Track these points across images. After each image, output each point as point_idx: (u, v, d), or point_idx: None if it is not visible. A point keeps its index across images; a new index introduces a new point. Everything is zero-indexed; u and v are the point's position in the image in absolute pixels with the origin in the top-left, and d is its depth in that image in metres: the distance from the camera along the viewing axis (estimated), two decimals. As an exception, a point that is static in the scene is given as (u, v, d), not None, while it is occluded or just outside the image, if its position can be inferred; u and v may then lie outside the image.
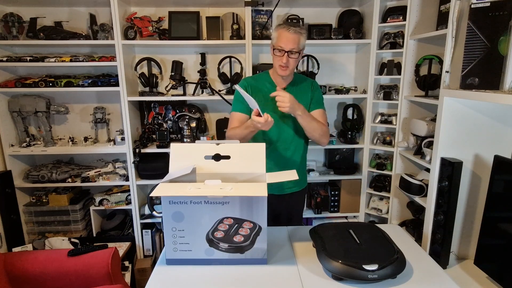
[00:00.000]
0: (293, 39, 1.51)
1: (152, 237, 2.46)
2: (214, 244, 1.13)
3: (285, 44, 1.51)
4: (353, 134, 2.46)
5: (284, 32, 1.52)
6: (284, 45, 1.51)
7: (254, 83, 1.67)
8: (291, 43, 1.51)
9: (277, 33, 1.55)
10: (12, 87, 2.20)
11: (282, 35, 1.52)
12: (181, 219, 1.12)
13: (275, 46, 1.55)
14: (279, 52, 1.53)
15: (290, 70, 1.57)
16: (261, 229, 1.11)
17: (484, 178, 1.59)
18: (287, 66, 1.55)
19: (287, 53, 1.52)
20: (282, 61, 1.53)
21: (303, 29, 1.55)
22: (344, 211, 2.53)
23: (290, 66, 1.56)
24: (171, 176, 1.18)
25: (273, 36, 1.58)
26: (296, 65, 1.60)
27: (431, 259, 1.20)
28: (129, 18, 2.24)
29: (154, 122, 2.50)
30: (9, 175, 2.23)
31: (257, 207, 1.09)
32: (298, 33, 1.52)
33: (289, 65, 1.55)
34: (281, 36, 1.52)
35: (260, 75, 1.75)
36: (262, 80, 1.68)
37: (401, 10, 2.17)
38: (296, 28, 1.52)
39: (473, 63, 1.35)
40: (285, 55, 1.52)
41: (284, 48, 1.51)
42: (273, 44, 1.57)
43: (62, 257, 1.68)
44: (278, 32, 1.54)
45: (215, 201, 1.10)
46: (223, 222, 1.12)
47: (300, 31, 1.53)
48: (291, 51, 1.52)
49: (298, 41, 1.52)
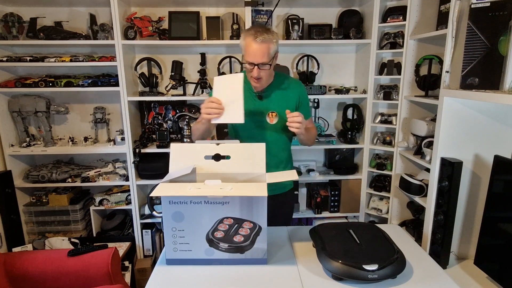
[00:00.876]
0: (261, 51, 1.36)
1: (152, 237, 2.46)
2: (214, 244, 1.13)
3: (253, 58, 1.38)
4: (353, 134, 2.46)
5: (251, 43, 1.37)
6: (252, 59, 1.38)
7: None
8: (260, 56, 1.37)
9: (245, 43, 1.40)
10: (12, 87, 2.20)
11: (249, 46, 1.38)
12: (181, 219, 1.12)
13: (244, 58, 1.42)
14: (249, 65, 1.40)
15: (264, 82, 1.46)
16: (261, 229, 1.11)
17: (484, 178, 1.59)
18: (260, 78, 1.42)
19: (257, 66, 1.39)
20: (253, 75, 1.41)
21: (273, 33, 1.41)
22: (344, 211, 2.53)
23: (264, 78, 1.44)
24: (171, 176, 1.18)
25: (241, 45, 1.43)
26: (271, 72, 1.48)
27: (431, 259, 1.20)
28: (129, 18, 2.24)
29: (154, 122, 2.50)
30: (9, 175, 2.23)
31: (257, 207, 1.09)
32: (267, 41, 1.36)
33: (262, 76, 1.42)
34: (249, 48, 1.38)
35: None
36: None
37: (401, 10, 2.17)
38: (264, 35, 1.36)
39: (473, 63, 1.35)
40: (256, 68, 1.39)
41: (253, 62, 1.38)
42: (242, 54, 1.45)
43: (62, 257, 1.68)
44: (246, 41, 1.39)
45: (215, 201, 1.10)
46: (223, 222, 1.12)
47: (269, 39, 1.37)
48: (262, 63, 1.39)
49: (267, 51, 1.37)
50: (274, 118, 1.53)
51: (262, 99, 1.52)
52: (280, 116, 1.52)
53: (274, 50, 1.42)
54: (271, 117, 1.52)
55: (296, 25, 2.30)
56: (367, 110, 2.38)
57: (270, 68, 1.43)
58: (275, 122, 1.53)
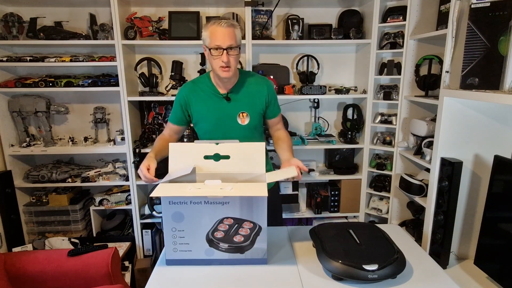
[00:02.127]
0: (229, 34, 1.33)
1: (152, 237, 2.46)
2: (214, 244, 1.13)
3: (221, 40, 1.33)
4: (353, 134, 2.46)
5: (217, 28, 1.33)
6: (220, 41, 1.33)
7: (193, 89, 1.50)
8: (228, 38, 1.33)
9: (210, 30, 1.35)
10: (12, 87, 2.20)
11: (215, 31, 1.33)
12: (181, 220, 1.12)
13: (210, 45, 1.35)
14: (216, 51, 1.34)
15: (233, 70, 1.39)
16: (261, 229, 1.11)
17: (484, 178, 1.59)
18: (229, 66, 1.36)
19: (225, 51, 1.34)
20: (223, 60, 1.34)
21: (235, 21, 1.40)
22: (344, 211, 2.53)
23: (232, 65, 1.37)
24: (171, 176, 1.18)
25: (205, 36, 1.38)
26: (237, 63, 1.42)
27: (431, 259, 1.20)
28: (129, 18, 2.24)
29: (154, 122, 2.50)
30: (9, 175, 2.23)
31: (257, 207, 1.09)
32: (233, 26, 1.35)
33: (231, 64, 1.36)
34: (215, 33, 1.33)
35: (201, 78, 1.56)
36: (202, 85, 1.50)
37: (401, 10, 2.17)
38: (228, 21, 1.35)
39: (473, 63, 1.35)
40: (224, 52, 1.33)
41: (221, 46, 1.33)
42: (207, 45, 1.38)
43: (62, 257, 1.68)
44: (210, 30, 1.35)
45: (215, 201, 1.10)
46: (223, 222, 1.12)
47: (233, 23, 1.36)
48: (230, 47, 1.34)
49: (234, 35, 1.35)
50: (245, 118, 1.49)
51: (229, 100, 1.48)
52: (250, 115, 1.49)
53: (239, 37, 1.39)
54: (242, 117, 1.49)
55: (296, 25, 2.30)
56: (367, 110, 2.38)
57: (238, 54, 1.38)
58: (247, 122, 1.49)
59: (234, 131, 1.49)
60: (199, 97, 1.49)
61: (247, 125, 1.50)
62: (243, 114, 1.49)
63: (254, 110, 1.50)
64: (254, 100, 1.50)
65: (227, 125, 1.49)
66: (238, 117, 1.49)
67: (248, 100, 1.49)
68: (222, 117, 1.48)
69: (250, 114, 1.49)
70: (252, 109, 1.49)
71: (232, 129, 1.49)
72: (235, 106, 1.48)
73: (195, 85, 1.52)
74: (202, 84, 1.50)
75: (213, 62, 1.39)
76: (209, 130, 1.52)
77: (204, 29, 1.38)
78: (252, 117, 1.50)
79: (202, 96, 1.49)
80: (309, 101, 2.58)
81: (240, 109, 1.48)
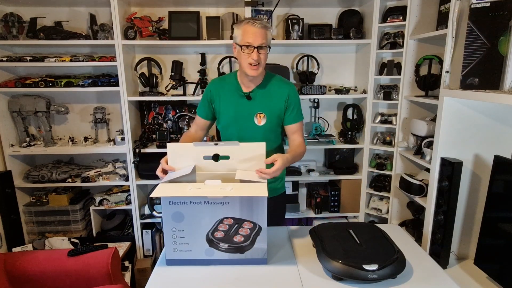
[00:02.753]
0: (261, 34, 1.36)
1: (152, 237, 2.46)
2: (214, 244, 1.13)
3: (253, 39, 1.36)
4: (353, 134, 2.46)
5: (249, 27, 1.36)
6: (252, 40, 1.36)
7: (220, 85, 1.54)
8: (260, 37, 1.36)
9: (242, 30, 1.39)
10: (12, 87, 2.20)
11: (248, 30, 1.37)
12: (181, 220, 1.12)
13: (241, 43, 1.38)
14: (247, 48, 1.37)
15: (261, 69, 1.43)
16: (261, 229, 1.11)
17: (484, 178, 1.59)
18: (258, 63, 1.39)
19: (256, 49, 1.37)
20: (253, 57, 1.37)
21: (268, 23, 1.44)
22: (344, 211, 2.53)
23: (262, 64, 1.41)
24: (170, 176, 1.18)
25: (236, 34, 1.41)
26: (265, 63, 1.45)
27: (431, 259, 1.20)
28: (129, 18, 2.24)
29: (154, 122, 2.50)
30: (9, 175, 2.23)
31: (257, 207, 1.09)
32: (265, 27, 1.38)
33: (261, 61, 1.40)
34: (247, 31, 1.37)
35: (228, 75, 1.60)
36: (229, 81, 1.54)
37: (401, 10, 2.17)
38: (262, 22, 1.38)
39: (473, 63, 1.35)
40: (255, 51, 1.37)
41: (252, 44, 1.36)
42: (238, 42, 1.40)
43: (62, 257, 1.68)
44: (243, 28, 1.38)
45: (215, 202, 1.10)
46: (223, 222, 1.12)
47: (266, 25, 1.39)
48: (260, 46, 1.37)
49: (265, 35, 1.38)
50: (262, 119, 1.50)
51: (250, 99, 1.50)
52: (267, 117, 1.50)
53: (270, 39, 1.42)
54: (259, 118, 1.50)
55: (296, 25, 2.30)
56: (367, 110, 2.38)
57: (267, 53, 1.41)
58: (263, 123, 1.50)
59: (250, 130, 1.51)
60: (223, 93, 1.53)
61: (262, 126, 1.51)
62: (260, 115, 1.50)
63: (272, 112, 1.50)
64: (273, 103, 1.50)
65: (243, 124, 1.51)
66: (255, 117, 1.50)
67: (267, 101, 1.50)
68: (240, 114, 1.50)
69: (267, 116, 1.50)
70: (270, 111, 1.50)
71: (248, 128, 1.51)
72: (254, 105, 1.50)
73: (222, 81, 1.57)
74: (228, 81, 1.54)
75: (242, 60, 1.41)
76: (226, 126, 1.54)
77: (237, 27, 1.42)
78: (269, 119, 1.50)
79: (227, 92, 1.52)
80: (309, 101, 2.58)
81: (258, 109, 1.50)
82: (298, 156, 1.49)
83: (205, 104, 1.56)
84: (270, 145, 1.55)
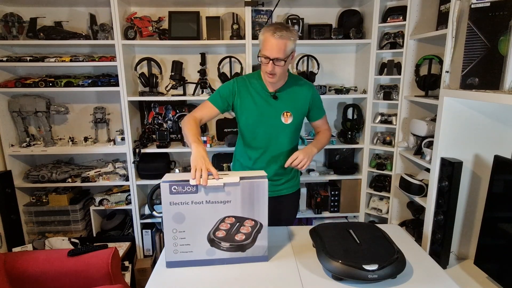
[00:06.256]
0: (278, 46, 1.38)
1: (152, 237, 2.46)
2: (215, 244, 1.14)
3: (269, 52, 1.40)
4: (353, 134, 2.46)
5: (269, 38, 1.39)
6: (268, 53, 1.40)
7: (245, 84, 1.58)
8: (276, 51, 1.39)
9: (263, 38, 1.42)
10: (12, 87, 2.20)
11: (267, 41, 1.40)
12: (182, 220, 1.11)
13: (260, 53, 1.44)
14: (265, 59, 1.42)
15: (278, 77, 1.47)
16: (262, 226, 1.12)
17: (484, 178, 1.59)
18: (274, 73, 1.44)
19: (272, 61, 1.41)
20: (267, 69, 1.43)
21: (292, 31, 1.42)
22: (344, 211, 2.53)
23: (278, 74, 1.45)
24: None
25: (260, 40, 1.46)
26: (285, 70, 1.49)
27: (431, 259, 1.20)
28: (129, 18, 2.24)
29: (154, 122, 2.50)
30: (9, 175, 2.23)
31: (258, 204, 1.10)
32: (285, 38, 1.38)
33: (276, 72, 1.44)
34: (266, 43, 1.40)
35: (253, 74, 1.63)
36: (253, 80, 1.58)
37: (401, 10, 2.17)
38: (283, 32, 1.38)
39: (473, 63, 1.35)
40: (270, 63, 1.41)
41: (269, 56, 1.40)
42: (260, 49, 1.46)
43: (62, 257, 1.68)
44: (264, 36, 1.41)
45: (217, 201, 1.10)
46: (225, 221, 1.13)
47: (287, 36, 1.39)
48: (276, 59, 1.40)
49: (284, 47, 1.39)
50: (288, 118, 1.56)
51: (277, 99, 1.55)
52: (294, 115, 1.57)
53: (290, 48, 1.43)
54: (286, 116, 1.56)
55: (296, 25, 2.30)
56: (367, 110, 2.38)
57: (284, 65, 1.44)
58: (290, 122, 1.57)
59: (276, 128, 1.57)
60: (248, 91, 1.56)
61: (289, 124, 1.57)
62: (287, 114, 1.56)
63: (298, 111, 1.58)
64: (299, 102, 1.58)
65: (270, 122, 1.56)
66: (282, 116, 1.56)
67: (293, 101, 1.57)
68: (267, 113, 1.55)
69: (293, 115, 1.57)
70: (295, 110, 1.57)
71: (274, 126, 1.57)
72: (280, 105, 1.56)
73: (247, 80, 1.60)
74: (253, 80, 1.58)
75: (262, 66, 1.48)
76: (251, 123, 1.58)
77: (261, 33, 1.45)
78: (295, 118, 1.58)
79: (251, 91, 1.56)
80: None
81: (285, 108, 1.56)
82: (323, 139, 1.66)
83: (224, 96, 1.56)
84: (293, 143, 1.66)
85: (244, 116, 1.58)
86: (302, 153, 1.46)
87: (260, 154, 1.62)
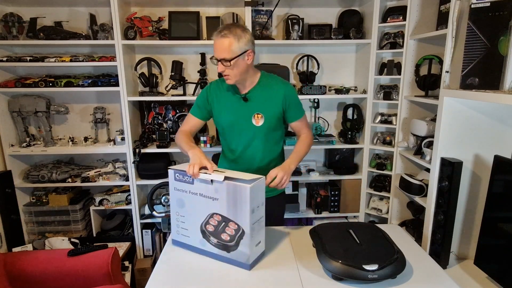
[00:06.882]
0: (222, 46, 1.34)
1: (152, 237, 2.46)
2: (206, 236, 1.19)
3: (216, 52, 1.37)
4: (353, 134, 2.46)
5: (215, 39, 1.36)
6: (215, 54, 1.37)
7: (218, 87, 1.55)
8: (219, 51, 1.35)
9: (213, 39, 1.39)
10: (12, 87, 2.20)
11: (214, 42, 1.37)
12: (183, 206, 1.22)
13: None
14: (216, 61, 1.39)
15: (233, 78, 1.41)
16: (244, 233, 1.11)
17: (484, 178, 1.59)
18: (227, 74, 1.40)
19: (220, 61, 1.37)
20: (218, 70, 1.39)
21: (236, 30, 1.35)
22: (344, 211, 2.53)
23: (231, 75, 1.40)
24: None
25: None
26: (241, 71, 1.41)
27: (431, 259, 1.20)
28: (129, 18, 2.24)
29: (154, 122, 2.50)
30: (9, 175, 2.23)
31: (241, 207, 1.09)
32: (228, 37, 1.33)
33: (228, 73, 1.40)
34: (214, 43, 1.37)
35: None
36: (227, 85, 1.53)
37: (401, 10, 2.17)
38: (226, 31, 1.33)
39: (473, 63, 1.35)
40: (219, 63, 1.38)
41: (216, 57, 1.38)
42: None
43: (62, 257, 1.68)
44: (213, 37, 1.38)
45: (208, 196, 1.15)
46: (213, 217, 1.16)
47: (230, 34, 1.33)
48: (223, 59, 1.36)
49: (228, 47, 1.33)
50: (260, 120, 1.51)
51: (247, 101, 1.50)
52: (265, 117, 1.50)
53: (237, 47, 1.35)
54: (257, 118, 1.51)
55: (296, 25, 2.30)
56: (367, 110, 2.38)
57: (231, 65, 1.37)
58: (262, 124, 1.51)
59: (249, 131, 1.52)
60: (222, 94, 1.54)
61: (261, 127, 1.51)
62: (258, 116, 1.51)
63: (270, 112, 1.51)
64: (271, 103, 1.51)
65: (242, 125, 1.52)
66: (253, 118, 1.51)
67: (264, 102, 1.51)
68: (238, 116, 1.52)
69: (265, 116, 1.50)
70: (267, 111, 1.50)
71: (246, 129, 1.52)
72: (251, 106, 1.51)
73: (220, 83, 1.57)
74: (225, 83, 1.51)
75: None
76: (226, 127, 1.57)
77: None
78: (267, 119, 1.51)
79: (224, 94, 1.54)
80: (309, 101, 2.58)
81: (255, 110, 1.50)
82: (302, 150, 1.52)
83: (201, 105, 1.56)
84: (271, 145, 1.58)
85: (218, 119, 1.56)
86: (281, 171, 1.35)
87: (237, 157, 1.58)
